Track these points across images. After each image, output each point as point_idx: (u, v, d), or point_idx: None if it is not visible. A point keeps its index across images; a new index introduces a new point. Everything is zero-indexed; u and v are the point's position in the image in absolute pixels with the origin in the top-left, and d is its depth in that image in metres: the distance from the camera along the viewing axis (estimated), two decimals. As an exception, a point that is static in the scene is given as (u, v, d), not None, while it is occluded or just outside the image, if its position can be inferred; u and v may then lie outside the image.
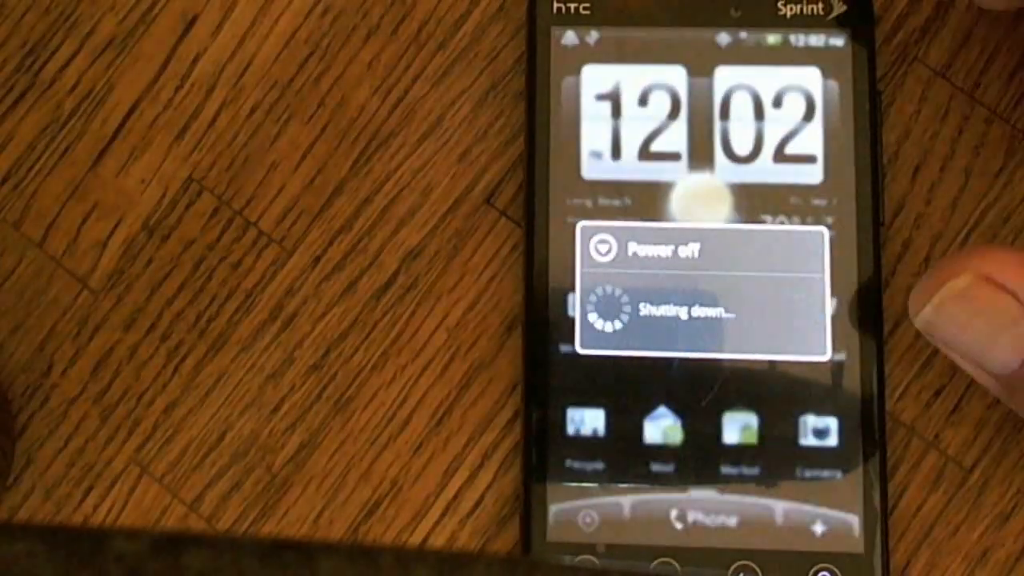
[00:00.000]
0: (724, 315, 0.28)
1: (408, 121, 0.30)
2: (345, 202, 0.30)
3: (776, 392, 0.27)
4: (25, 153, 0.31)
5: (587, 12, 0.29)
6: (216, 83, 0.31)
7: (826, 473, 0.27)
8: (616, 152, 0.28)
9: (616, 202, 0.28)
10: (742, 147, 0.28)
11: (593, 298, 0.28)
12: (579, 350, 0.28)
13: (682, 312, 0.28)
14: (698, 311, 0.28)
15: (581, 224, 0.28)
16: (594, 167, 0.28)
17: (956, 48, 0.30)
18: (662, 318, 0.28)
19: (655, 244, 0.28)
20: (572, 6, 0.29)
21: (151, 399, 0.30)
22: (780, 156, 0.28)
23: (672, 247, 0.28)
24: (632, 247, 0.28)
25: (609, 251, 0.28)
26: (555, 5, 0.29)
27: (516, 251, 0.30)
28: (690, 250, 0.28)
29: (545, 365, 0.28)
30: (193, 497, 0.29)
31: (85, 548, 0.12)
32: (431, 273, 0.30)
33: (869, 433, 0.27)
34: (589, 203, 0.28)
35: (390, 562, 0.12)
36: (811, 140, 0.28)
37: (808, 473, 0.27)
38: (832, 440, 0.27)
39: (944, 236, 0.29)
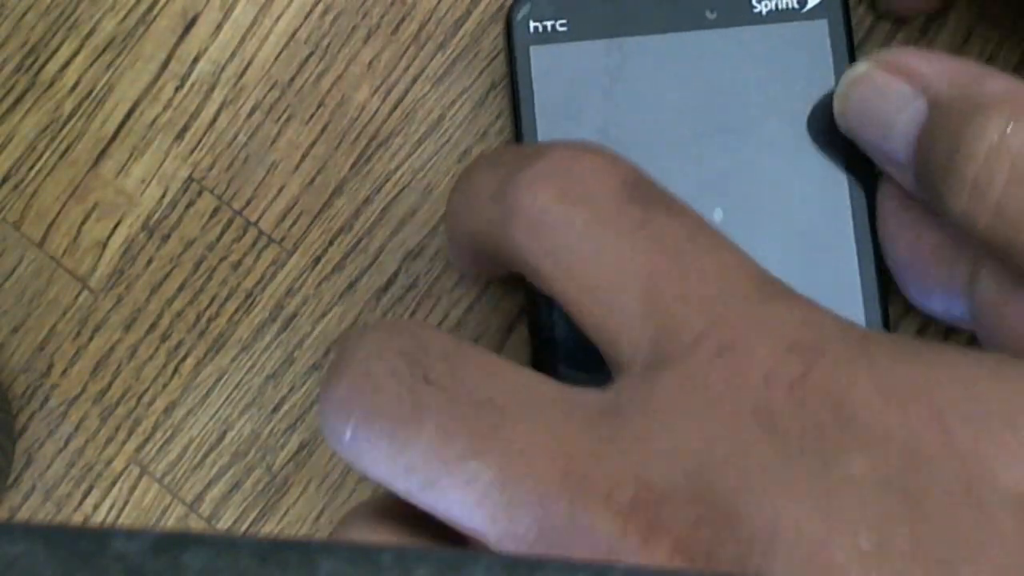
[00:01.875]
0: None
1: (408, 121, 0.30)
2: (345, 202, 0.30)
3: None
4: (25, 153, 0.31)
5: (564, 29, 0.29)
6: (216, 83, 0.31)
7: None
8: None
9: None
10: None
11: None
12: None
13: None
14: None
15: None
16: None
17: (956, 48, 0.30)
18: None
19: None
20: (549, 24, 0.29)
21: (151, 399, 0.30)
22: None
23: None
24: None
25: None
26: (532, 25, 0.29)
27: (516, 251, 0.30)
28: None
29: (554, 363, 0.28)
30: (193, 497, 0.29)
31: (85, 548, 0.12)
32: (431, 273, 0.30)
33: None
34: None
35: (390, 562, 0.12)
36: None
37: None
38: None
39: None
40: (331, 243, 0.30)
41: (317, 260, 0.30)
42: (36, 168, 0.31)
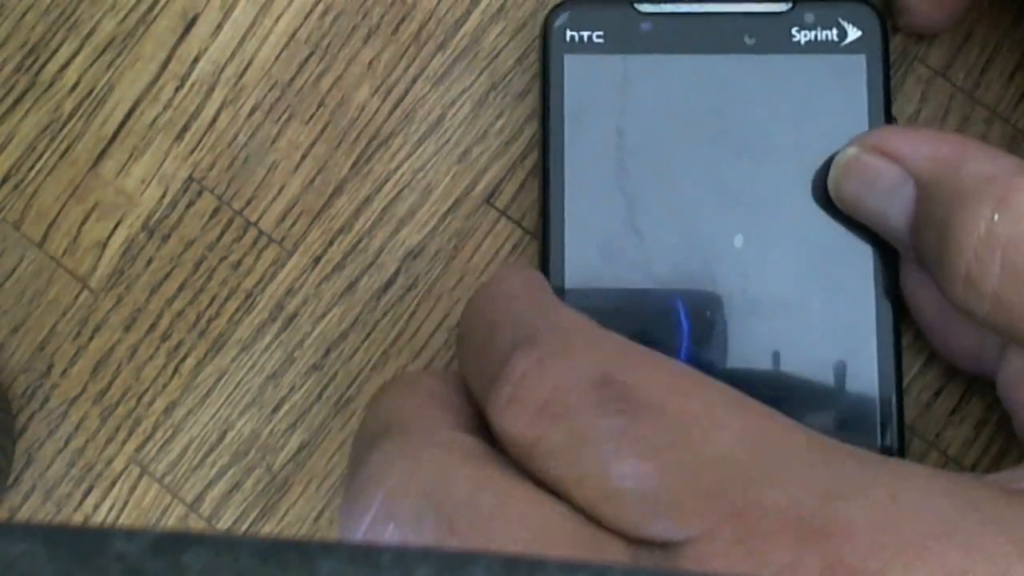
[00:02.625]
0: (754, 324, 0.27)
1: (408, 121, 0.30)
2: (345, 202, 0.30)
3: (789, 392, 0.27)
4: (25, 153, 0.31)
5: (600, 40, 0.28)
6: (216, 83, 0.31)
7: None
8: None
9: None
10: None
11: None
12: None
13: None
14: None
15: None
16: None
17: (956, 48, 0.30)
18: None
19: None
20: (586, 35, 0.28)
21: (151, 399, 0.30)
22: None
23: None
24: None
25: None
26: (568, 34, 0.28)
27: (516, 251, 0.30)
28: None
29: None
30: (193, 497, 0.29)
31: (85, 548, 0.12)
32: (431, 273, 0.30)
33: (887, 431, 0.27)
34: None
35: (390, 562, 0.12)
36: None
37: None
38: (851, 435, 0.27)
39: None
40: (331, 243, 0.30)
41: (317, 260, 0.30)
42: (36, 168, 0.31)
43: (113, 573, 0.12)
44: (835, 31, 0.28)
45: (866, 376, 0.27)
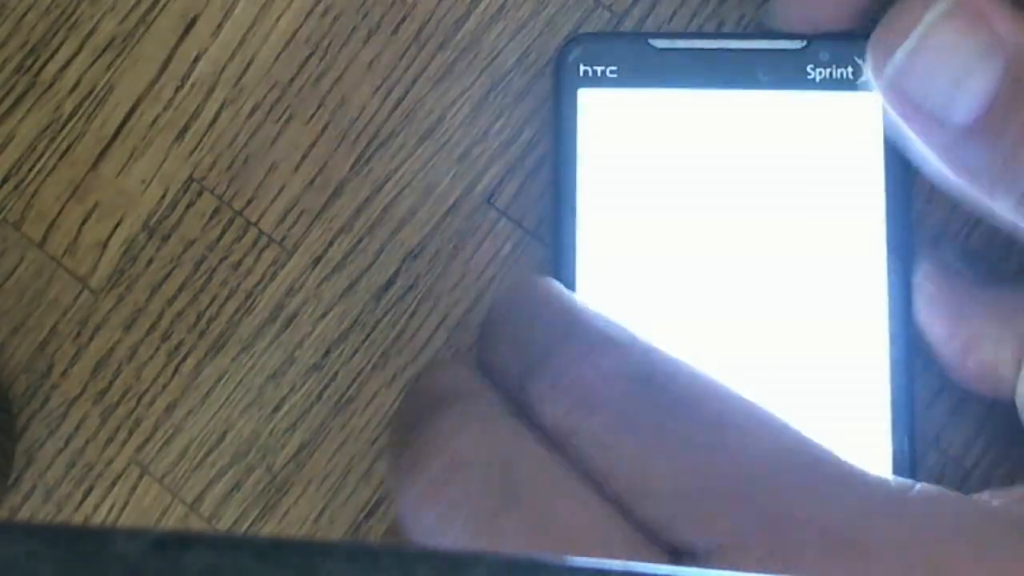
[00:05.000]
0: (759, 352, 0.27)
1: (408, 121, 0.30)
2: (345, 202, 0.30)
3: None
4: (26, 153, 0.31)
5: (614, 75, 0.28)
6: (216, 83, 0.31)
7: None
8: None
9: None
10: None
11: None
12: None
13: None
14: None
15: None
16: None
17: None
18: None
19: None
20: (599, 69, 0.28)
21: (151, 399, 0.30)
22: None
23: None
24: None
25: None
26: (582, 68, 0.28)
27: (516, 251, 0.30)
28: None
29: None
30: (194, 497, 0.29)
31: (85, 548, 0.12)
32: (431, 273, 0.30)
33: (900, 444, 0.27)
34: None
35: (391, 562, 0.12)
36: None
37: None
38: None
39: (944, 236, 0.29)
40: (331, 243, 0.30)
41: (317, 260, 0.30)
42: (36, 168, 0.31)
43: (113, 573, 0.12)
44: (850, 68, 0.28)
45: (879, 416, 0.27)
